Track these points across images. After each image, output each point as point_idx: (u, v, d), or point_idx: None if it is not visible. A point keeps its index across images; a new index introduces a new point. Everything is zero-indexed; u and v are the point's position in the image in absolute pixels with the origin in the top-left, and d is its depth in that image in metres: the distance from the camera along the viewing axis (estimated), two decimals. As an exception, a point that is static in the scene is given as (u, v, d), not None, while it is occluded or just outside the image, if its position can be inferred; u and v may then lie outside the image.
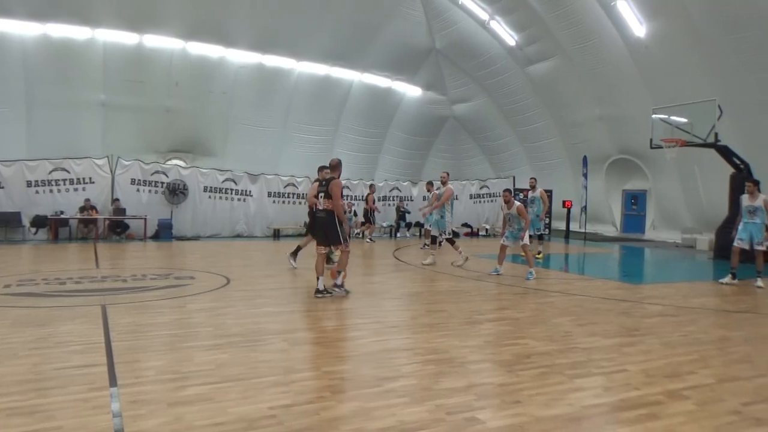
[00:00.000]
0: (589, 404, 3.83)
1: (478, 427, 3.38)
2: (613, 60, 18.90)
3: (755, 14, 14.52)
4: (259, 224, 18.92)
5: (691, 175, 18.33)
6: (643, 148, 17.45)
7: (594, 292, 8.84)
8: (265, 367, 4.46)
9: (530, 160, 24.66)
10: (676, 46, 16.87)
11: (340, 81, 22.85)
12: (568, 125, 22.31)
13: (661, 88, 17.68)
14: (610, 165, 21.77)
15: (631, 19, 17.45)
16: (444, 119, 26.62)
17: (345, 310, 6.99)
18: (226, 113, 20.98)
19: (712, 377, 4.50)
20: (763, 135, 15.69)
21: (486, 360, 4.90)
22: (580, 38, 19.27)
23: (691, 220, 19.34)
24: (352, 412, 3.56)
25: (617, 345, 5.46)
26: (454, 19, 22.13)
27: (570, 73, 20.63)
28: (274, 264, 11.95)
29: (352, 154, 23.97)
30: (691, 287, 9.80)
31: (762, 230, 9.58)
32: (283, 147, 22.32)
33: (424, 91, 25.39)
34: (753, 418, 3.65)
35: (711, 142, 14.02)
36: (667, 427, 3.46)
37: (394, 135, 25.33)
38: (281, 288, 8.56)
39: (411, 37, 22.79)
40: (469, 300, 7.90)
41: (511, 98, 23.64)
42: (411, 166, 25.85)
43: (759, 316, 7.32)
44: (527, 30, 20.70)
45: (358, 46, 21.88)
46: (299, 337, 5.46)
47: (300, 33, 20.45)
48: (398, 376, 4.33)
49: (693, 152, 15.86)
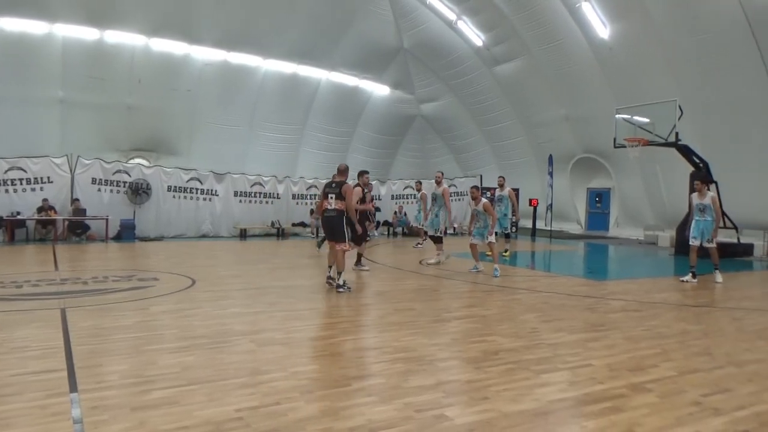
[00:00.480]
0: (555, 399, 3.89)
1: (447, 424, 3.39)
2: (578, 61, 19.27)
3: (713, 18, 15.01)
4: (225, 224, 18.67)
5: (653, 174, 18.84)
6: (606, 148, 17.86)
7: (560, 288, 8.99)
8: (232, 369, 4.38)
9: (497, 159, 24.95)
10: (639, 48, 17.31)
11: (308, 79, 22.68)
12: (534, 125, 22.65)
13: (625, 89, 18.11)
14: (574, 164, 22.19)
15: (595, 21, 17.83)
16: (412, 118, 26.70)
17: (313, 310, 6.94)
18: (190, 111, 20.59)
19: (673, 370, 4.62)
20: (721, 134, 16.24)
21: (454, 357, 4.92)
22: (546, 39, 19.59)
23: (653, 218, 19.88)
24: (321, 412, 3.53)
25: (582, 340, 5.56)
26: (422, 19, 22.22)
27: (536, 74, 20.95)
28: (241, 264, 11.81)
29: (320, 153, 23.84)
30: (653, 283, 10.06)
31: (712, 227, 9.79)
32: (249, 146, 22.03)
33: (392, 90, 25.42)
34: (712, 408, 3.77)
35: (672, 142, 14.43)
36: (630, 420, 3.53)
37: (362, 134, 25.29)
38: (248, 288, 8.45)
39: (379, 36, 22.79)
40: (437, 298, 7.93)
41: (478, 98, 23.88)
42: (379, 165, 25.84)
43: (717, 309, 7.56)
44: (494, 30, 20.94)
45: (325, 45, 21.76)
46: (267, 338, 5.39)
47: (266, 30, 20.22)
48: (367, 375, 4.32)
49: (655, 151, 16.30)
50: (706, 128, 16.39)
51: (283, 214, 19.87)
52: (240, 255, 13.78)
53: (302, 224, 20.20)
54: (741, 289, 9.57)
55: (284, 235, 19.16)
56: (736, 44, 14.87)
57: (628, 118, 15.78)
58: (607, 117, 17.31)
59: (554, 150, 22.07)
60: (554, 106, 21.30)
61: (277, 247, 16.08)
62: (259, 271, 10.46)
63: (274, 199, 19.90)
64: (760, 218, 15.77)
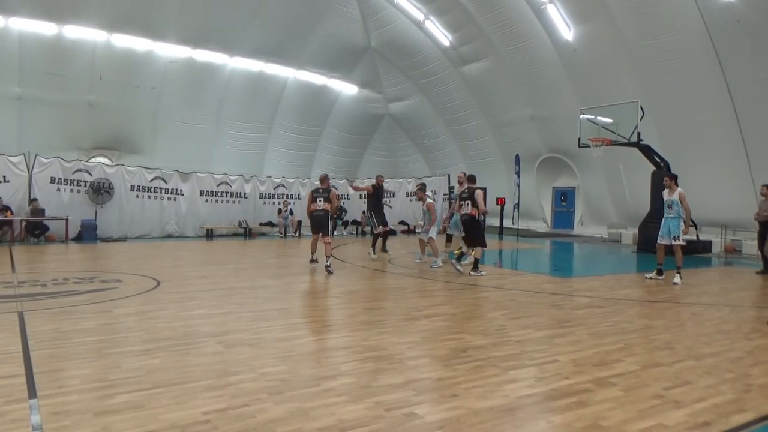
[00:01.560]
0: (523, 395, 3.94)
1: (417, 422, 3.40)
2: (543, 62, 19.59)
3: (673, 20, 15.46)
4: (191, 224, 18.37)
5: (616, 173, 19.29)
6: (571, 147, 18.22)
7: (526, 286, 9.13)
8: (199, 371, 4.30)
9: (465, 158, 25.19)
10: (602, 49, 17.70)
11: (275, 78, 22.47)
12: (501, 124, 22.93)
13: (588, 90, 18.51)
14: (540, 163, 22.56)
15: (560, 22, 18.16)
16: (380, 117, 26.73)
17: (282, 310, 6.88)
18: (154, 109, 20.17)
19: (636, 364, 4.74)
20: (680, 134, 16.74)
21: (424, 355, 4.94)
22: (512, 40, 19.86)
23: (616, 216, 20.36)
24: (290, 413, 3.49)
25: (549, 337, 5.65)
26: (390, 18, 22.26)
27: (503, 74, 21.22)
28: (208, 265, 11.62)
29: (287, 151, 23.67)
30: (616, 279, 10.30)
31: (679, 224, 9.82)
32: (215, 144, 21.72)
33: (360, 89, 25.40)
34: (673, 401, 3.87)
35: (634, 142, 14.81)
36: (595, 414, 3.61)
37: (330, 133, 25.20)
38: (215, 289, 8.31)
39: (347, 35, 22.73)
40: (406, 297, 7.96)
41: (445, 97, 24.06)
42: (347, 164, 25.81)
43: (678, 305, 7.78)
44: (461, 31, 21.12)
45: (293, 43, 21.60)
46: (234, 339, 5.31)
47: (232, 28, 19.95)
48: (337, 374, 4.30)
49: (618, 151, 16.70)
50: (667, 128, 16.89)
51: (250, 214, 19.65)
52: (206, 255, 13.57)
53: (270, 224, 20.01)
54: (700, 285, 9.87)
55: (251, 235, 18.94)
56: (694, 46, 15.35)
57: (592, 118, 16.14)
58: (571, 117, 17.66)
59: (521, 149, 22.41)
60: (520, 106, 21.62)
61: (244, 247, 15.89)
62: (226, 272, 10.31)
63: (241, 199, 19.67)
64: (718, 216, 16.33)
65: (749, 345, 5.55)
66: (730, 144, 15.71)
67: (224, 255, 13.63)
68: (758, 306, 7.80)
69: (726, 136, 15.75)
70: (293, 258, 13.27)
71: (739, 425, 3.49)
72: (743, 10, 14.04)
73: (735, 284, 10.18)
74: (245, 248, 15.47)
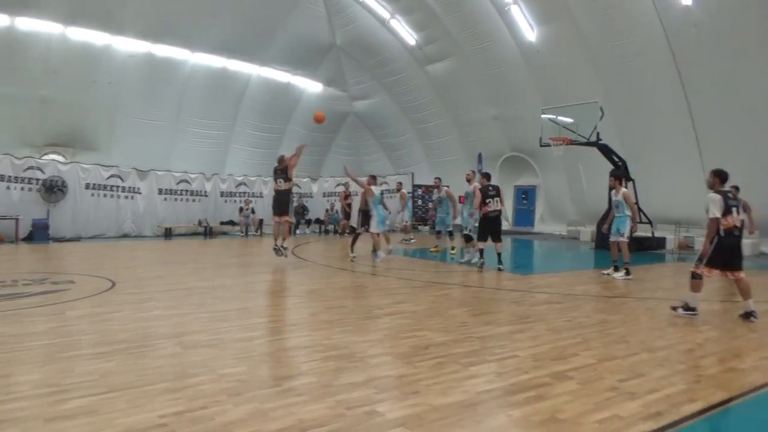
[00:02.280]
0: (483, 390, 3.98)
1: (378, 419, 3.40)
2: (507, 62, 19.86)
3: (632, 24, 15.88)
4: (149, 223, 17.95)
5: (575, 172, 19.72)
6: (533, 147, 18.54)
7: (488, 283, 9.25)
8: (156, 374, 4.20)
9: (428, 156, 25.35)
10: (564, 51, 18.06)
11: (238, 74, 22.11)
12: (464, 123, 23.15)
13: (551, 90, 18.86)
14: (503, 162, 22.88)
15: (523, 24, 18.45)
16: (344, 115, 26.63)
17: (242, 310, 6.78)
18: (112, 105, 19.53)
19: (593, 358, 4.85)
20: (638, 135, 17.24)
21: (385, 353, 4.94)
22: (477, 40, 20.06)
23: (575, 213, 20.82)
24: (249, 415, 3.44)
25: (509, 332, 5.73)
26: (355, 16, 22.19)
27: (467, 74, 21.41)
28: (166, 265, 11.36)
29: (250, 149, 23.32)
30: (574, 276, 10.53)
31: (626, 222, 10.03)
32: (175, 142, 21.20)
33: (325, 87, 25.24)
34: (628, 392, 3.98)
35: (593, 141, 15.17)
36: (553, 407, 3.68)
37: (294, 131, 24.93)
38: (173, 289, 8.13)
39: (311, 32, 22.54)
40: (368, 295, 7.95)
41: (410, 96, 24.14)
42: (311, 162, 25.58)
43: (633, 300, 8.00)
44: (426, 30, 21.22)
45: (256, 39, 21.29)
46: (193, 340, 5.20)
47: (194, 23, 19.52)
48: (297, 374, 4.26)
49: (578, 150, 17.08)
50: (626, 128, 17.36)
51: (210, 213, 19.32)
52: (164, 255, 13.27)
53: (231, 223, 19.72)
54: (654, 280, 10.18)
55: (212, 234, 18.62)
56: (652, 49, 15.81)
57: (553, 118, 16.46)
58: (534, 117, 17.97)
59: (483, 148, 22.67)
60: (484, 106, 21.86)
61: (204, 246, 15.61)
62: (184, 272, 10.10)
63: (201, 197, 19.32)
64: (673, 214, 16.88)
65: (700, 337, 5.75)
66: (685, 145, 16.25)
67: (183, 255, 13.36)
68: (708, 300, 8.08)
69: (681, 137, 16.27)
70: (254, 257, 13.11)
71: (689, 414, 3.61)
72: (699, 16, 14.53)
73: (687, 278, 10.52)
74: (205, 248, 15.20)
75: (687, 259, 14.35)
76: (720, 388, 4.13)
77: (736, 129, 15.10)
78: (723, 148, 15.55)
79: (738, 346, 5.43)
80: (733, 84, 14.72)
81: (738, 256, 6.65)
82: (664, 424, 3.44)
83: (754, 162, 14.90)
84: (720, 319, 6.74)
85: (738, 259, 6.63)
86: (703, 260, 6.56)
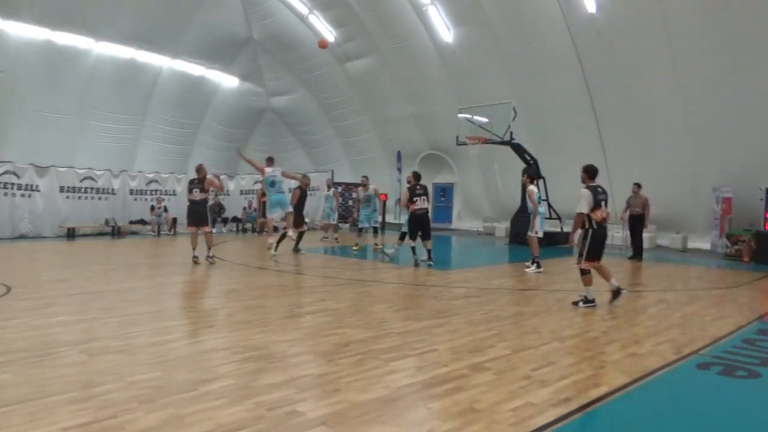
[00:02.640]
0: (403, 384, 4.04)
1: (299, 419, 3.36)
2: (424, 61, 20.22)
3: (541, 27, 16.63)
4: (49, 223, 16.70)
5: (490, 170, 20.43)
6: (450, 145, 19.02)
7: (407, 279, 9.39)
8: (58, 384, 3.92)
9: (348, 154, 25.36)
10: (479, 52, 18.63)
11: (147, 66, 21.03)
12: (383, 121, 23.35)
13: (466, 90, 19.40)
14: (421, 160, 23.27)
15: (440, 24, 18.84)
16: (262, 111, 26.07)
17: (155, 313, 6.47)
18: (5, 96, 17.92)
19: (508, 349, 5.05)
20: (548, 134, 18.11)
21: (306, 352, 4.89)
22: (395, 39, 20.27)
23: (490, 210, 21.57)
24: (163, 422, 3.29)
25: (428, 327, 5.85)
26: (273, 10, 21.75)
27: (385, 72, 21.60)
28: (69, 267, 10.64)
29: (162, 145, 22.28)
30: (490, 270, 10.91)
31: (533, 219, 10.68)
32: (79, 136, 19.82)
33: (242, 82, 24.58)
34: (540, 380, 4.18)
35: (507, 141, 15.78)
36: (471, 398, 3.79)
37: (209, 126, 24.11)
38: (77, 293, 7.62)
39: (226, 25, 21.85)
40: (288, 294, 7.84)
41: (329, 93, 24.01)
42: (227, 158, 24.82)
43: (544, 292, 8.41)
44: (345, 27, 21.18)
45: (167, 30, 20.34)
46: (100, 347, 4.90)
47: (98, 10, 18.33)
48: (215, 377, 4.12)
49: (493, 149, 17.70)
50: (537, 128, 18.19)
51: (119, 212, 18.28)
52: (67, 257, 12.42)
53: (142, 222, 18.78)
54: (564, 273, 10.73)
55: (120, 234, 17.65)
56: (560, 53, 16.65)
57: (469, 117, 16.96)
58: (450, 116, 18.42)
59: (402, 146, 22.99)
60: (402, 104, 22.14)
61: (112, 247, 14.76)
62: (90, 274, 9.48)
63: (108, 195, 18.23)
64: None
65: (604, 326, 6.13)
66: (591, 144, 17.23)
67: (88, 256, 12.56)
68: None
69: (587, 137, 17.25)
70: (167, 257, 12.57)
71: (595, 398, 3.85)
72: (603, 23, 15.46)
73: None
74: (113, 248, 14.38)
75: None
76: (622, 373, 4.43)
77: (634, 129, 16.23)
78: (623, 147, 16.70)
79: (637, 333, 5.84)
80: (631, 87, 15.81)
81: (604, 246, 7.28)
82: (572, 408, 3.64)
83: (651, 161, 16.12)
84: (621, 308, 7.21)
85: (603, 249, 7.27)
86: (583, 255, 7.05)
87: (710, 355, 5.05)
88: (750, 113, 13.93)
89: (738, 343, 5.53)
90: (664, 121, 15.58)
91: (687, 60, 14.47)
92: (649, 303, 7.65)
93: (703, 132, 14.96)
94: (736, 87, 13.88)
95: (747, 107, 13.91)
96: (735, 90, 13.94)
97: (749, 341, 5.62)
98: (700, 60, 14.23)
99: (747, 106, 13.90)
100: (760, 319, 6.71)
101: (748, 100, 13.83)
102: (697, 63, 14.33)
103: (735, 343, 5.53)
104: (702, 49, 14.08)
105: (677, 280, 10.04)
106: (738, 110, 14.06)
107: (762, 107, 13.72)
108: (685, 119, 15.15)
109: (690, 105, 14.93)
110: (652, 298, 8.04)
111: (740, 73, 13.74)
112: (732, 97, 14.04)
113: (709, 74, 14.24)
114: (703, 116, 14.81)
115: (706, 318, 6.68)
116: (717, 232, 15.00)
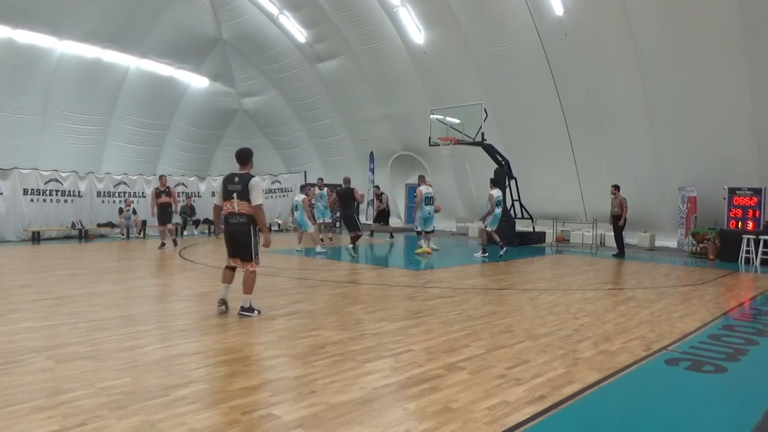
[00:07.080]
0: (379, 385, 4.03)
1: (275, 422, 3.32)
2: (396, 62, 20.25)
3: (512, 32, 16.82)
4: (13, 227, 16.22)
5: (463, 170, 20.58)
6: (422, 146, 19.09)
7: (382, 280, 9.39)
8: (24, 392, 3.80)
9: (321, 155, 25.24)
10: (450, 53, 18.73)
11: (114, 66, 20.55)
12: (356, 122, 23.31)
13: (438, 91, 19.51)
14: (394, 161, 23.32)
15: (411, 26, 18.88)
16: (233, 112, 25.75)
17: (125, 318, 6.32)
18: (-38, 96, 17.40)
19: (482, 348, 5.08)
20: (519, 135, 18.33)
21: (281, 355, 4.84)
22: (366, 40, 20.25)
23: (463, 210, 21.73)
24: (135, 428, 3.22)
25: (403, 328, 5.85)
26: (243, 10, 21.50)
27: (357, 73, 21.56)
28: (34, 272, 10.33)
29: (130, 146, 21.79)
30: (464, 270, 10.98)
31: (486, 217, 12.85)
32: (43, 137, 19.22)
33: (212, 83, 24.21)
34: (514, 379, 4.22)
35: (479, 141, 15.91)
36: (446, 397, 3.80)
37: (178, 127, 23.68)
38: (43, 299, 7.41)
39: (195, 24, 21.51)
40: (263, 296, 7.76)
41: (301, 94, 23.86)
42: (198, 160, 24.48)
43: (517, 291, 8.49)
44: (316, 27, 21.06)
45: (134, 29, 19.92)
46: (68, 353, 4.77)
47: (61, 7, 17.87)
48: (188, 382, 4.05)
49: (465, 150, 17.83)
50: (508, 129, 18.40)
51: (86, 215, 17.86)
52: (32, 262, 12.07)
53: (110, 224, 18.38)
54: (536, 272, 10.88)
55: (88, 238, 17.24)
56: (530, 55, 16.85)
57: (441, 118, 17.04)
58: (423, 117, 18.49)
59: (375, 147, 22.99)
60: (375, 105, 22.15)
61: (79, 250, 14.40)
62: (56, 279, 9.23)
63: (74, 198, 17.80)
64: (551, 210, 18.19)
65: (576, 324, 6.23)
66: (560, 145, 17.51)
67: (54, 260, 12.23)
68: (582, 289, 8.78)
69: (557, 138, 17.51)
70: (137, 261, 12.32)
71: (569, 395, 3.90)
72: (570, 25, 15.71)
73: (564, 270, 11.38)
74: (80, 252, 14.03)
75: (564, 252, 15.51)
76: (594, 370, 4.50)
77: (601, 130, 16.54)
78: (591, 147, 17.00)
79: (608, 330, 5.95)
80: (598, 88, 16.11)
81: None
82: (547, 406, 3.68)
83: (618, 160, 16.46)
84: (592, 305, 7.33)
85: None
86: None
87: (678, 351, 5.18)
88: (713, 115, 14.33)
89: (704, 338, 5.68)
90: (631, 121, 15.92)
91: (652, 63, 14.81)
92: (619, 301, 7.81)
93: (668, 132, 15.34)
94: (700, 89, 14.27)
95: (710, 109, 14.31)
96: (699, 92, 14.33)
97: (715, 337, 5.78)
98: (665, 63, 14.58)
99: (710, 108, 14.30)
100: (725, 315, 6.91)
101: (712, 102, 14.23)
102: (661, 66, 14.68)
103: (702, 338, 5.68)
104: (666, 53, 14.43)
105: (645, 278, 10.26)
106: (702, 111, 14.45)
107: (725, 109, 14.14)
108: (650, 120, 15.51)
109: (655, 106, 15.29)
110: (622, 296, 8.20)
111: (703, 76, 14.12)
112: (696, 99, 14.43)
113: (673, 77, 14.60)
114: (668, 117, 15.19)
115: (673, 315, 6.84)
116: (683, 231, 15.40)
